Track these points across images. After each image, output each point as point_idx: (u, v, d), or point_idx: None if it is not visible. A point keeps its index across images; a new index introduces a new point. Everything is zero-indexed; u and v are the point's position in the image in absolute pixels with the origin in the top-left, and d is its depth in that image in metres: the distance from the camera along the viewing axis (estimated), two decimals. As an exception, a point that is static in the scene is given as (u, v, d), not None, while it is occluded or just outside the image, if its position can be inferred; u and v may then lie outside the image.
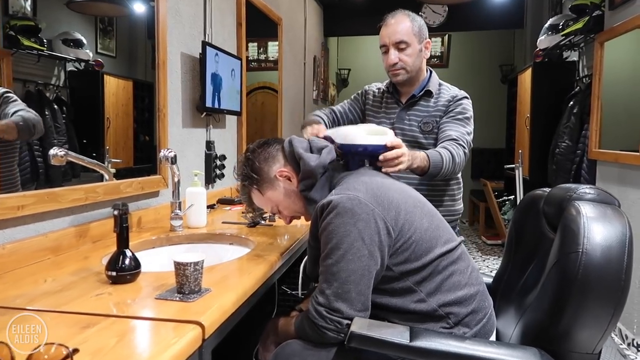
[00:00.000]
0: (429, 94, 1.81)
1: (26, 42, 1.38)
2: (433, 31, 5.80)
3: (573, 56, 4.01)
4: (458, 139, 1.67)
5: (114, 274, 1.09)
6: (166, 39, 1.91)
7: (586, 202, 1.14)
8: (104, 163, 1.70)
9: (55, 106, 1.52)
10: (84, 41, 1.61)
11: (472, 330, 1.19)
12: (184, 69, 2.13)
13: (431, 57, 6.82)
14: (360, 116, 1.98)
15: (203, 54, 2.15)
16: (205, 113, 2.28)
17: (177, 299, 0.99)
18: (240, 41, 2.75)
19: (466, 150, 1.68)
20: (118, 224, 1.08)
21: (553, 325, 1.05)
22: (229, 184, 2.55)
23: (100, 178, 1.63)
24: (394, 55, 1.74)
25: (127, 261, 1.11)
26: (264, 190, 1.36)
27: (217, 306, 0.97)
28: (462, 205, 1.92)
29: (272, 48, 3.73)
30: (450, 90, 1.83)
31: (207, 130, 2.39)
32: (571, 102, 3.59)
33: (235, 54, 2.64)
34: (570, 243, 1.06)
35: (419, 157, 1.51)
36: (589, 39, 3.37)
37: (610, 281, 1.01)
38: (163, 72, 1.89)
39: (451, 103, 1.77)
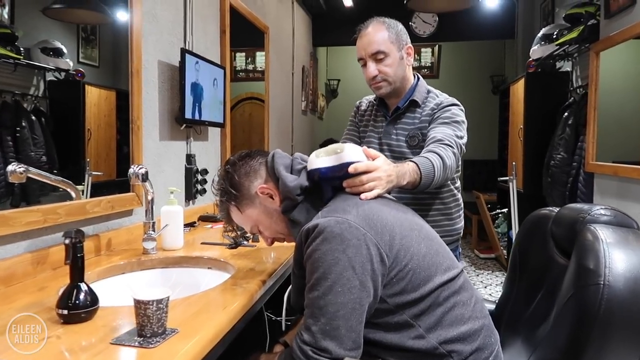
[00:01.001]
0: (414, 104, 1.64)
1: (1, 51, 1.31)
2: (423, 41, 5.75)
3: (566, 66, 3.94)
4: (443, 139, 1.47)
5: (65, 312, 0.94)
6: (141, 45, 1.77)
7: (603, 226, 1.02)
8: (84, 176, 1.61)
9: (34, 117, 1.44)
10: (64, 50, 1.53)
11: (478, 370, 1.06)
12: (162, 78, 1.99)
13: (421, 67, 6.77)
14: (360, 137, 1.80)
15: (182, 61, 2.01)
16: (185, 125, 2.15)
17: (137, 343, 0.85)
18: (225, 49, 2.62)
19: (455, 151, 1.46)
20: (70, 254, 0.94)
21: (571, 368, 0.92)
22: (211, 199, 2.41)
23: (95, 188, 1.56)
24: (372, 67, 1.59)
25: (81, 296, 0.96)
26: (243, 208, 1.22)
27: (183, 353, 0.83)
28: (462, 224, 1.74)
29: (260, 58, 3.64)
30: (437, 98, 1.65)
31: (187, 143, 2.25)
32: (566, 113, 3.51)
33: (219, 63, 2.51)
34: (589, 273, 0.93)
35: (408, 171, 1.28)
36: (583, 49, 3.29)
37: (637, 318, 0.89)
38: (137, 81, 1.75)
39: (435, 111, 1.60)
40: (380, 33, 1.58)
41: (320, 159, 1.15)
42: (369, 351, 1.07)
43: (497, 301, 1.41)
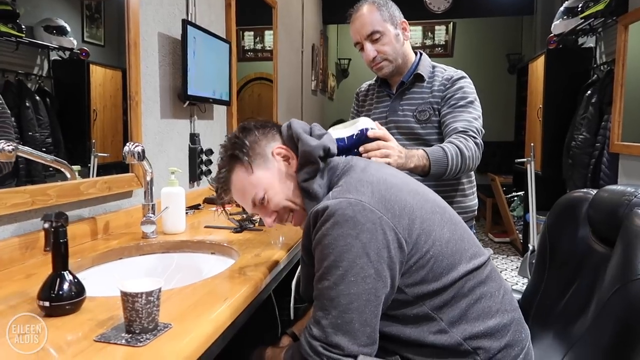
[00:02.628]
0: (419, 78, 1.59)
1: (2, 28, 1.26)
2: (437, 18, 5.55)
3: (589, 42, 3.75)
4: (465, 129, 1.46)
5: (47, 304, 0.84)
6: (138, 14, 1.65)
7: (653, 209, 0.90)
8: (90, 157, 1.56)
9: (38, 97, 1.39)
10: (68, 28, 1.47)
11: (507, 369, 0.95)
12: (163, 52, 1.87)
13: (435, 45, 6.57)
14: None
15: (184, 34, 1.89)
16: (188, 102, 2.03)
17: (124, 341, 0.75)
18: (230, 23, 2.49)
19: (477, 140, 1.47)
20: (50, 240, 0.83)
21: (616, 371, 0.81)
22: (216, 181, 2.30)
23: (101, 169, 1.53)
24: (370, 49, 1.55)
25: (65, 286, 0.86)
26: (255, 167, 1.06)
27: (176, 353, 0.73)
28: (475, 201, 1.68)
29: (269, 37, 3.53)
30: (445, 72, 1.61)
31: (191, 122, 2.13)
32: (589, 92, 3.34)
33: (224, 37, 2.38)
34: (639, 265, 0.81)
35: (416, 155, 1.32)
36: (610, 22, 3.11)
37: (698, 316, 0.77)
38: (135, 54, 1.63)
39: (448, 87, 1.56)
40: (373, 14, 1.54)
41: (338, 131, 1.17)
42: (386, 347, 0.97)
43: (523, 291, 1.30)
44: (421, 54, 1.65)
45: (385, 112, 1.63)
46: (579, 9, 3.30)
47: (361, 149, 1.18)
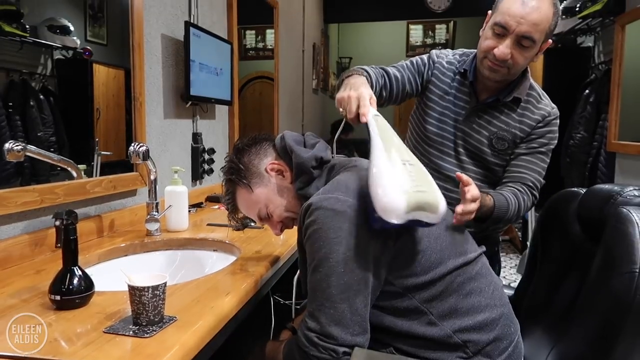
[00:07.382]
0: (516, 101, 1.37)
1: (7, 28, 1.28)
2: (438, 17, 5.58)
3: (588, 42, 3.78)
4: (534, 185, 1.35)
5: (58, 298, 0.89)
6: (142, 17, 1.69)
7: (637, 208, 0.93)
8: (93, 156, 1.58)
9: (42, 96, 1.41)
10: (71, 28, 1.49)
11: (496, 361, 0.99)
12: (166, 53, 1.91)
13: (435, 44, 6.59)
14: (419, 90, 1.45)
15: (186, 35, 1.93)
16: (190, 102, 2.07)
17: (131, 332, 0.79)
18: (232, 24, 2.53)
19: (535, 200, 1.37)
20: (61, 237, 0.88)
21: (599, 362, 0.85)
22: (218, 180, 2.34)
23: (104, 167, 1.56)
24: (506, 47, 1.24)
25: (75, 281, 0.90)
26: (254, 186, 1.15)
27: (181, 344, 0.77)
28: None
29: (270, 36, 3.55)
30: (540, 102, 1.39)
31: (193, 122, 2.18)
32: (587, 91, 3.37)
33: (226, 38, 2.42)
34: (622, 260, 0.85)
35: (487, 206, 1.20)
36: (607, 22, 3.14)
37: (676, 310, 0.81)
38: (139, 56, 1.67)
39: (540, 125, 1.37)
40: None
41: (415, 213, 0.88)
42: (380, 339, 1.01)
43: (515, 287, 1.34)
44: (526, 71, 1.38)
45: (459, 118, 1.41)
46: (577, 9, 3.34)
47: (459, 210, 1.05)
